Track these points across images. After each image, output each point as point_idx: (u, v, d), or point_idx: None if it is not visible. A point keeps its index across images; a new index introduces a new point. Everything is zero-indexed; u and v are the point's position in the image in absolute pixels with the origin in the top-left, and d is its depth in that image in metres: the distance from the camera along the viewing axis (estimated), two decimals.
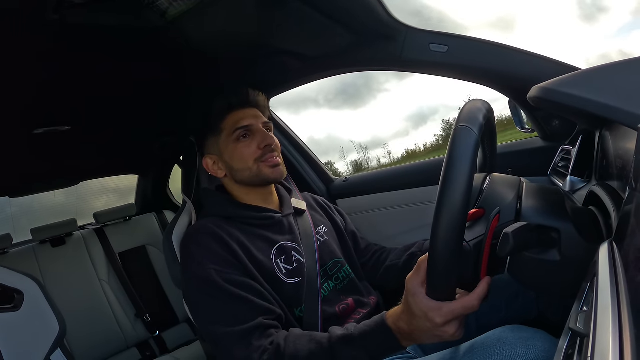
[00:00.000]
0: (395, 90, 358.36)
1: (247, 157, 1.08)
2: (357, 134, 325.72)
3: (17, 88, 1.13)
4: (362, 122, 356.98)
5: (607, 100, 0.51)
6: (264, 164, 1.09)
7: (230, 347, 0.87)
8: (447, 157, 0.57)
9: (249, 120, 1.10)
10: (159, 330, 2.21)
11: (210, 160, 1.15)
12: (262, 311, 0.91)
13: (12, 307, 1.15)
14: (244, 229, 1.05)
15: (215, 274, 0.93)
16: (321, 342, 0.80)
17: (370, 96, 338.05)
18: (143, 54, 1.17)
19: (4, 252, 2.00)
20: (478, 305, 0.63)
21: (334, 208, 1.37)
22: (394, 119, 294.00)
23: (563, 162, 1.15)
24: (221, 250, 0.96)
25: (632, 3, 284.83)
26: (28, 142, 1.50)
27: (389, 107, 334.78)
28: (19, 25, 0.87)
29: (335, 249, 1.19)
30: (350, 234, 1.31)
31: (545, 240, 0.62)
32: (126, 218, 2.41)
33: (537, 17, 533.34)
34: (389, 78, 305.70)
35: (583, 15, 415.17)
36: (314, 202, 1.33)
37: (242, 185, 1.13)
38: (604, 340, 0.32)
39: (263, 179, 1.10)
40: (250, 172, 1.09)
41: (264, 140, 1.09)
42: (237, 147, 1.09)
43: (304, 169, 1.91)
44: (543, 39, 35.72)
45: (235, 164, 1.10)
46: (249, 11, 1.12)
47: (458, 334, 0.65)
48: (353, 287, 1.14)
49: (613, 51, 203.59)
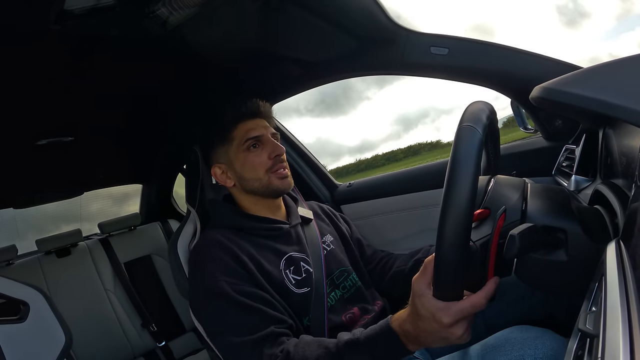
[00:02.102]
0: (377, 98, 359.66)
1: (258, 166, 1.09)
2: (346, 139, 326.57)
3: (19, 99, 1.13)
4: (350, 127, 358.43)
5: (610, 98, 0.50)
6: (274, 175, 1.10)
7: (241, 356, 0.87)
8: (452, 157, 0.56)
9: (259, 131, 1.11)
10: (165, 339, 2.20)
11: (219, 169, 1.15)
12: (274, 321, 0.91)
13: (18, 318, 1.15)
14: (252, 241, 1.05)
15: (227, 285, 0.92)
16: (328, 347, 0.80)
17: (349, 105, 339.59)
18: (144, 64, 1.17)
19: (10, 263, 2.00)
20: (485, 304, 0.61)
21: (340, 216, 1.37)
22: (382, 124, 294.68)
23: (567, 162, 1.14)
24: (232, 262, 0.97)
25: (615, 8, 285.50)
26: (31, 153, 1.50)
27: (372, 114, 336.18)
28: (21, 36, 0.87)
29: (341, 258, 1.18)
30: (356, 241, 1.31)
31: (551, 240, 0.62)
32: (131, 228, 2.41)
33: (518, 24, 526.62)
34: (369, 86, 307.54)
35: (566, 21, 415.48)
36: (320, 210, 1.33)
37: (250, 195, 1.13)
38: (614, 341, 0.32)
39: (273, 190, 1.11)
40: (260, 183, 1.10)
41: (274, 150, 1.10)
42: (248, 156, 1.10)
43: (308, 175, 1.91)
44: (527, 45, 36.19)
45: (246, 173, 1.10)
46: (249, 19, 1.13)
47: (466, 336, 0.64)
48: (359, 295, 1.13)
49: (603, 54, 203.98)
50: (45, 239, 2.10)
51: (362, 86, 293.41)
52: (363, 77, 1.43)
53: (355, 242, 1.30)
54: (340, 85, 64.28)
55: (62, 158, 1.66)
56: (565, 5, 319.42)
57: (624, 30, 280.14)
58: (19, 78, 1.04)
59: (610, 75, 0.53)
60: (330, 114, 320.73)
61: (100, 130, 1.55)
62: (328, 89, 27.59)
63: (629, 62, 0.53)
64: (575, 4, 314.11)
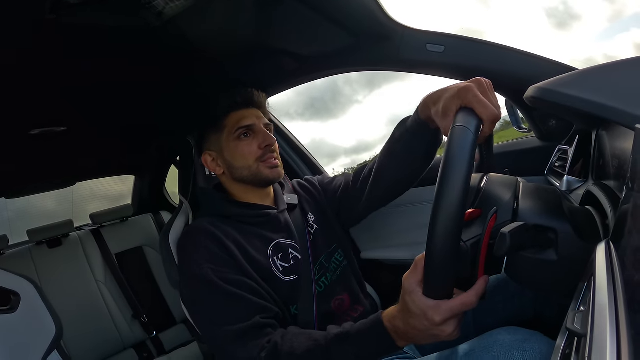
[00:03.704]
0: (367, 101, 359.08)
1: (248, 155, 1.09)
2: (341, 140, 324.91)
3: (12, 88, 1.12)
4: (343, 129, 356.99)
5: (604, 100, 0.51)
6: (263, 164, 1.09)
7: (227, 346, 0.87)
8: (445, 157, 0.57)
9: (251, 120, 1.11)
10: (156, 331, 2.20)
11: (210, 157, 1.14)
12: (259, 310, 0.90)
13: (9, 308, 1.14)
14: (240, 228, 1.05)
15: (212, 272, 0.92)
16: (318, 340, 0.80)
17: (338, 109, 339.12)
18: (139, 54, 1.16)
19: (1, 254, 1.99)
20: (476, 302, 0.62)
21: (314, 181, 1.31)
22: (377, 125, 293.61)
23: (560, 162, 1.15)
24: (217, 250, 0.96)
25: (605, 10, 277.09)
26: (24, 143, 1.49)
27: (364, 116, 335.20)
28: (14, 25, 0.86)
29: (326, 238, 1.18)
30: (331, 189, 1.25)
31: (542, 240, 0.62)
32: (123, 219, 2.40)
33: (507, 27, 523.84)
34: (358, 90, 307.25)
35: (557, 23, 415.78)
36: (299, 186, 1.29)
37: (240, 183, 1.13)
38: (602, 340, 0.32)
39: (261, 179, 1.10)
40: (249, 171, 1.09)
41: (265, 140, 1.10)
42: (238, 145, 1.10)
43: (300, 168, 1.92)
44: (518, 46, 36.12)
45: (235, 161, 1.10)
46: (246, 11, 1.12)
47: (455, 333, 0.64)
48: (346, 278, 1.14)
49: (598, 55, 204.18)
50: (36, 229, 2.09)
51: (350, 91, 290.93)
52: (351, 82, 1.44)
53: (331, 192, 1.24)
54: (328, 90, 63.08)
55: (55, 148, 1.65)
56: (556, 8, 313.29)
57: (619, 31, 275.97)
58: (11, 67, 1.02)
59: (604, 77, 0.54)
60: (321, 117, 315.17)
61: (93, 121, 1.54)
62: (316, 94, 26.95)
63: (623, 65, 0.53)
64: (565, 6, 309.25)
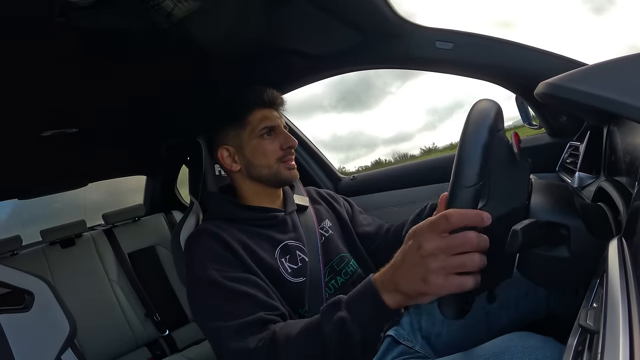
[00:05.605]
0: (401, 92, 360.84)
1: (270, 154, 1.10)
2: (379, 130, 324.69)
3: (24, 91, 1.14)
4: (380, 120, 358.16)
5: (615, 96, 0.50)
6: (283, 165, 1.10)
7: (225, 341, 0.84)
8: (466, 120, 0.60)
9: (275, 121, 1.12)
10: (168, 329, 2.22)
11: (227, 151, 1.14)
12: (264, 307, 0.89)
13: (23, 307, 1.16)
14: (246, 230, 1.05)
15: (216, 273, 0.92)
16: (312, 319, 0.76)
17: (372, 101, 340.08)
18: (149, 55, 1.17)
19: (14, 254, 2.01)
20: (479, 221, 0.57)
21: (340, 198, 1.35)
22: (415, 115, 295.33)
23: (571, 158, 1.14)
24: (222, 251, 0.96)
25: None
26: (36, 144, 1.51)
27: (398, 107, 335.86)
28: (25, 28, 0.88)
29: (339, 244, 1.18)
30: (358, 222, 1.28)
31: (554, 236, 0.62)
32: (135, 219, 2.43)
33: (542, 15, 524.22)
34: (391, 81, 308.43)
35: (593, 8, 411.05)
36: (318, 195, 1.31)
37: (255, 182, 1.13)
38: (614, 337, 0.32)
39: (279, 179, 1.11)
40: (269, 170, 1.10)
41: (287, 141, 1.11)
42: (260, 143, 1.10)
43: (312, 167, 1.92)
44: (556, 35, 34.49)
45: (255, 159, 1.11)
46: (254, 10, 1.13)
47: (440, 281, 0.57)
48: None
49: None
50: (49, 230, 2.11)
51: (382, 83, 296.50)
52: (381, 75, 1.43)
53: (356, 222, 1.28)
54: (360, 82, 63.08)
55: (67, 149, 1.67)
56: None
57: None
58: (23, 70, 1.04)
59: (616, 72, 0.53)
60: (354, 109, 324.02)
61: (105, 122, 1.56)
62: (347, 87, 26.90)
63: (634, 60, 0.52)
64: None
